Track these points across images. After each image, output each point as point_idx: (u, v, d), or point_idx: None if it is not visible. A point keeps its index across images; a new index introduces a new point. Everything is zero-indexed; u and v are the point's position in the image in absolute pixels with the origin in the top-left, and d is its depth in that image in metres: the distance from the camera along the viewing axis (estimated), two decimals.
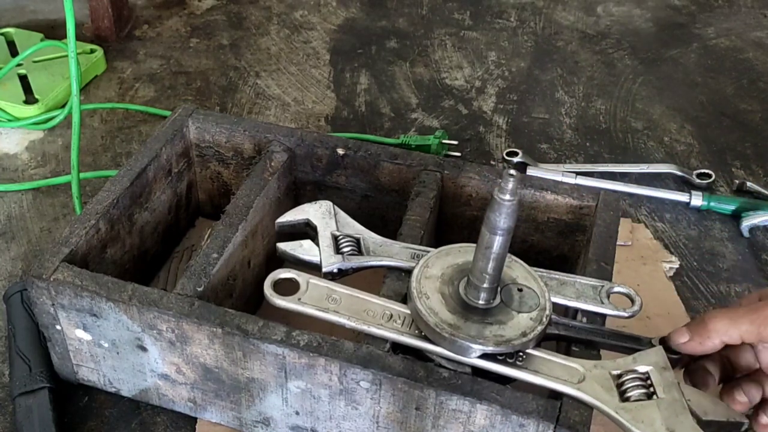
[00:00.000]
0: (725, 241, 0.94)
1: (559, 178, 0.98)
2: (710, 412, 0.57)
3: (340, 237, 0.68)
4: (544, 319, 0.60)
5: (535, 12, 1.41)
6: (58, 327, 0.68)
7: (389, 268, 0.67)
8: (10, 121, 1.06)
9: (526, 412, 0.56)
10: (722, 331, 0.57)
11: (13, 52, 1.18)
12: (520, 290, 0.62)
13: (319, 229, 0.69)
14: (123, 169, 0.76)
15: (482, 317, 0.60)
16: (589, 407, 0.56)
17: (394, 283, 0.66)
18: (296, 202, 0.83)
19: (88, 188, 0.96)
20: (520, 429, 0.57)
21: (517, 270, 0.64)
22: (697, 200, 0.97)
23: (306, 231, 0.70)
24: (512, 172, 0.53)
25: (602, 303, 0.64)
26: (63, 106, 1.06)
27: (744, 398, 0.59)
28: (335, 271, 0.66)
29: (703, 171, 1.03)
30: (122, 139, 1.06)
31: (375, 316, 0.62)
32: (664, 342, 0.60)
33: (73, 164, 0.87)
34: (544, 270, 0.66)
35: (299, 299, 0.62)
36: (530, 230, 0.79)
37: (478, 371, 0.59)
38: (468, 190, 0.78)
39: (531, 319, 0.60)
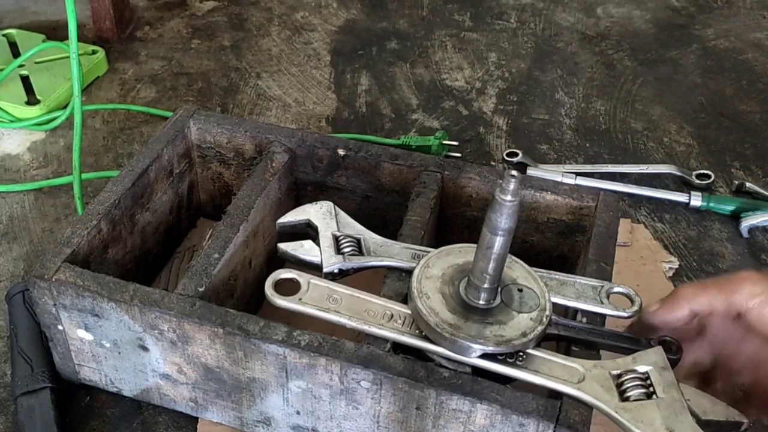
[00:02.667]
0: (724, 241, 0.94)
1: (559, 178, 0.98)
2: (710, 412, 0.57)
3: (341, 237, 0.69)
4: (544, 320, 0.60)
5: (535, 13, 1.41)
6: (60, 327, 0.68)
7: (390, 269, 0.67)
8: (12, 121, 1.06)
9: (526, 411, 0.56)
10: (690, 297, 0.56)
11: (15, 53, 1.18)
12: (521, 290, 0.62)
13: (320, 229, 0.69)
14: (124, 169, 0.76)
15: (482, 317, 0.60)
16: (589, 407, 0.57)
17: (394, 283, 0.66)
18: (297, 202, 0.83)
19: (90, 189, 0.97)
20: (520, 429, 0.57)
21: (518, 270, 0.64)
22: (696, 201, 0.97)
23: (307, 231, 0.70)
24: (513, 172, 0.53)
25: (602, 303, 0.65)
26: (65, 107, 1.06)
27: None
28: (336, 271, 0.66)
29: (702, 172, 1.03)
30: (124, 139, 1.07)
31: (376, 316, 0.62)
32: (664, 342, 0.61)
33: (75, 165, 0.87)
34: (544, 270, 0.66)
35: (300, 299, 0.63)
36: (530, 231, 0.79)
37: (478, 371, 0.59)
38: (468, 191, 0.79)
39: (531, 319, 0.60)
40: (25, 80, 1.12)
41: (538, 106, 1.18)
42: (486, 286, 0.60)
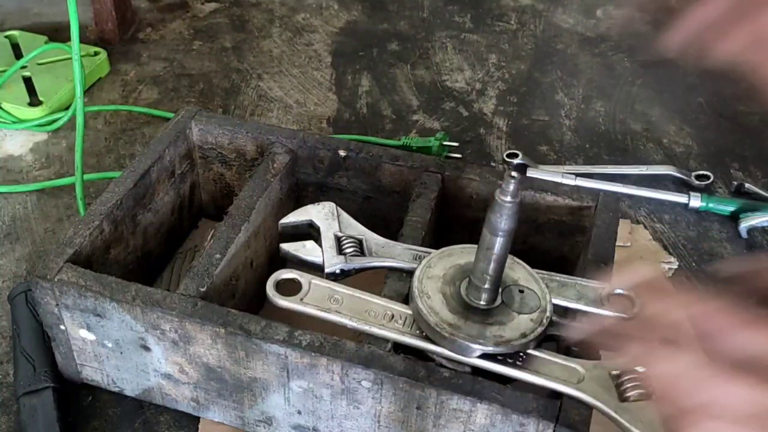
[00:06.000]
0: (724, 242, 0.95)
1: (558, 179, 0.98)
2: None
3: (343, 238, 0.69)
4: (545, 321, 0.60)
5: (535, 15, 1.42)
6: (62, 327, 0.69)
7: (391, 269, 0.68)
8: (14, 122, 1.07)
9: (526, 411, 0.57)
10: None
11: (18, 54, 1.19)
12: (522, 291, 0.63)
13: (321, 230, 0.70)
14: (126, 170, 0.77)
15: (483, 318, 0.60)
16: (589, 407, 0.57)
17: (395, 283, 0.67)
18: (298, 203, 0.83)
19: (92, 190, 0.97)
20: (521, 428, 0.58)
21: (519, 271, 0.65)
22: (695, 201, 0.98)
23: (309, 232, 0.71)
24: (514, 173, 0.54)
25: (603, 305, 0.65)
26: (67, 108, 1.07)
27: None
28: (338, 271, 0.67)
29: (701, 172, 1.03)
30: (126, 140, 1.07)
31: (376, 316, 0.62)
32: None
33: (77, 166, 0.87)
34: (545, 271, 0.67)
35: (301, 299, 0.63)
36: (530, 231, 0.80)
37: (478, 371, 0.59)
38: (469, 192, 0.79)
39: (531, 320, 0.61)
40: (28, 81, 1.12)
41: (538, 107, 1.18)
42: (486, 286, 0.60)
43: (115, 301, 0.64)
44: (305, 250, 0.68)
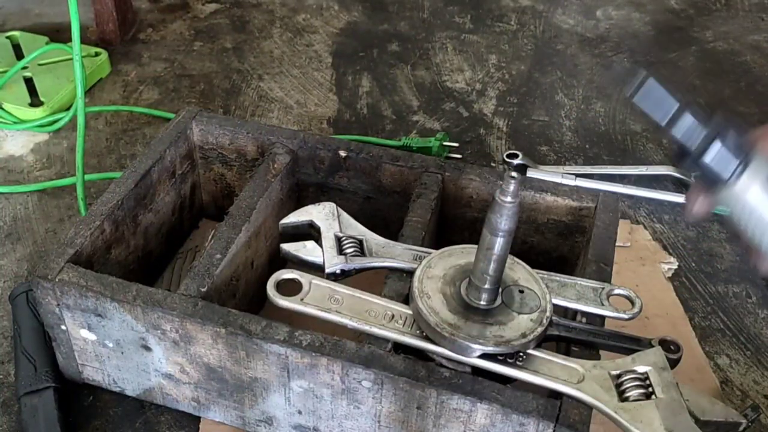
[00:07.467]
0: (723, 242, 0.95)
1: (558, 179, 0.98)
2: (708, 412, 0.57)
3: (344, 238, 0.69)
4: (545, 321, 0.61)
5: (535, 15, 1.42)
6: (63, 327, 0.69)
7: (391, 269, 0.68)
8: (15, 123, 1.07)
9: (526, 411, 0.57)
10: None
11: (19, 55, 1.19)
12: (522, 292, 0.63)
13: (322, 230, 0.70)
14: (127, 170, 0.77)
15: (483, 318, 0.61)
16: (589, 407, 0.57)
17: (395, 283, 0.67)
18: (298, 203, 0.83)
19: (93, 190, 0.97)
20: (521, 428, 0.58)
21: (519, 271, 0.65)
22: None
23: (309, 232, 0.71)
24: (513, 174, 0.54)
25: (602, 305, 0.65)
26: (68, 109, 1.07)
27: None
28: (338, 272, 0.67)
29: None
30: (126, 141, 1.07)
31: (377, 316, 0.62)
32: (663, 342, 0.61)
33: (78, 166, 0.87)
34: (545, 272, 0.67)
35: (302, 300, 0.63)
36: (530, 231, 0.80)
37: (478, 371, 0.60)
38: (469, 192, 0.79)
39: (531, 320, 0.61)
40: (29, 82, 1.12)
41: (538, 108, 1.18)
42: (487, 286, 0.60)
43: (116, 301, 0.64)
44: (306, 250, 0.68)
